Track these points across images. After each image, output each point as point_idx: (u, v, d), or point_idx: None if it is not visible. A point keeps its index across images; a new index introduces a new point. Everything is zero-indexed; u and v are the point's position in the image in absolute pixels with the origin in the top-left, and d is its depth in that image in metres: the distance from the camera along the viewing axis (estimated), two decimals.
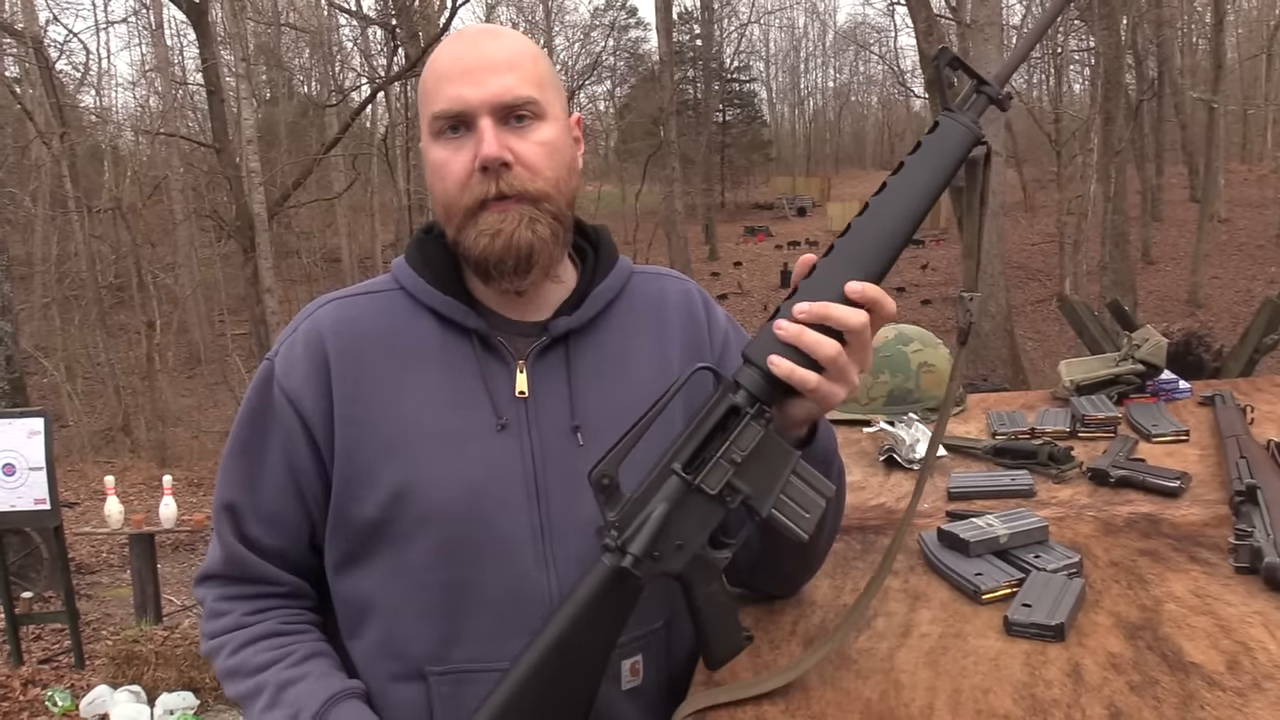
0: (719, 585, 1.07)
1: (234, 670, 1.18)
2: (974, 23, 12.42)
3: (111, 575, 8.34)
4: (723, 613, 1.07)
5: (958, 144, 1.06)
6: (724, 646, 1.08)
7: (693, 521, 1.04)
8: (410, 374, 1.17)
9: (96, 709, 4.74)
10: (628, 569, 1.00)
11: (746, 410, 1.03)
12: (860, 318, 1.01)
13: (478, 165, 1.12)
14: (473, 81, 1.12)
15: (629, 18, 42.65)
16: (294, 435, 1.17)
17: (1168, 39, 24.55)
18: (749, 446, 1.03)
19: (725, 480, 1.03)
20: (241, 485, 1.20)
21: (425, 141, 1.18)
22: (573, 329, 1.21)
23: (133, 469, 13.59)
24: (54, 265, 20.36)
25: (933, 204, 1.06)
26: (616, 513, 1.02)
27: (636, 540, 1.01)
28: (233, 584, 1.22)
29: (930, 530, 1.46)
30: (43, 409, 6.15)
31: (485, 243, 1.13)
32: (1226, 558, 1.33)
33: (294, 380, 1.17)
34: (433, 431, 1.15)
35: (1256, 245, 25.88)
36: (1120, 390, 2.24)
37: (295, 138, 25.96)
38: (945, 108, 1.07)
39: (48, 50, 16.82)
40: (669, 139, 25.95)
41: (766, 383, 1.03)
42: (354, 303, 1.23)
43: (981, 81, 1.07)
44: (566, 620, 1.02)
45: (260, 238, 14.44)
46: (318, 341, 1.19)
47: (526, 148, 1.14)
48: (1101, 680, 1.04)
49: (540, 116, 1.15)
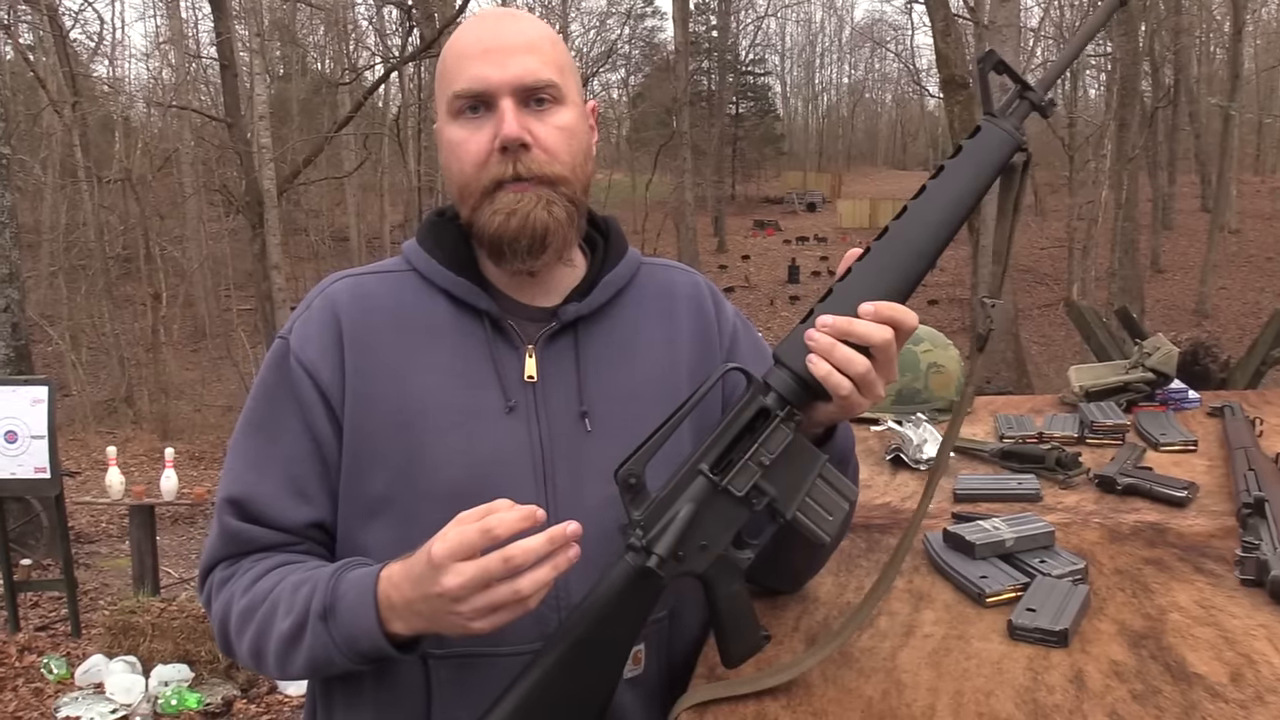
0: (741, 585, 1.07)
1: (248, 610, 1.12)
2: (992, 23, 12.36)
3: (110, 545, 8.36)
4: (743, 613, 1.07)
5: (999, 150, 1.05)
6: (743, 646, 1.08)
7: (718, 522, 1.04)
8: (422, 352, 1.17)
9: (91, 678, 4.76)
10: (652, 569, 1.01)
11: (776, 413, 1.03)
12: (884, 334, 1.00)
13: (497, 145, 1.12)
14: (495, 62, 1.12)
15: (645, 6, 42.49)
16: (313, 406, 1.16)
17: (1185, 47, 24.47)
18: (777, 449, 1.03)
19: (753, 482, 1.03)
20: (255, 464, 1.18)
21: (442, 121, 1.18)
22: (582, 315, 1.21)
23: (134, 440, 13.61)
24: (62, 234, 20.38)
25: (971, 210, 1.05)
26: (642, 512, 1.02)
27: (662, 541, 1.01)
28: (238, 559, 1.20)
29: (936, 532, 1.46)
30: (47, 377, 6.16)
31: (500, 221, 1.13)
32: (1232, 569, 1.32)
33: (311, 353, 1.17)
34: (442, 409, 1.14)
35: (1266, 257, 25.85)
36: (1129, 398, 2.24)
37: (307, 115, 25.93)
38: (988, 112, 1.06)
39: (62, 19, 16.81)
40: (681, 129, 25.92)
41: (798, 385, 1.03)
42: (366, 280, 1.23)
43: (1026, 87, 1.06)
44: (589, 617, 1.02)
45: (269, 214, 14.43)
46: (332, 315, 1.19)
47: (545, 131, 1.14)
48: (1104, 688, 1.04)
49: (559, 101, 1.16)
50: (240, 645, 1.14)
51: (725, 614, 1.06)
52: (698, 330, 1.29)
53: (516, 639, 1.11)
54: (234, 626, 1.14)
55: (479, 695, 1.11)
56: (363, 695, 1.17)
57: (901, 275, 1.04)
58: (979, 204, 1.06)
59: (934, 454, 1.94)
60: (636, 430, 1.05)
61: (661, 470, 1.04)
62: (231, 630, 1.15)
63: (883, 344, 1.00)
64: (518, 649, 1.12)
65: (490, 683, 1.11)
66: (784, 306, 26.69)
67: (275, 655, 1.10)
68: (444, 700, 1.13)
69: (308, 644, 1.06)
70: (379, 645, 1.02)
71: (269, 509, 1.16)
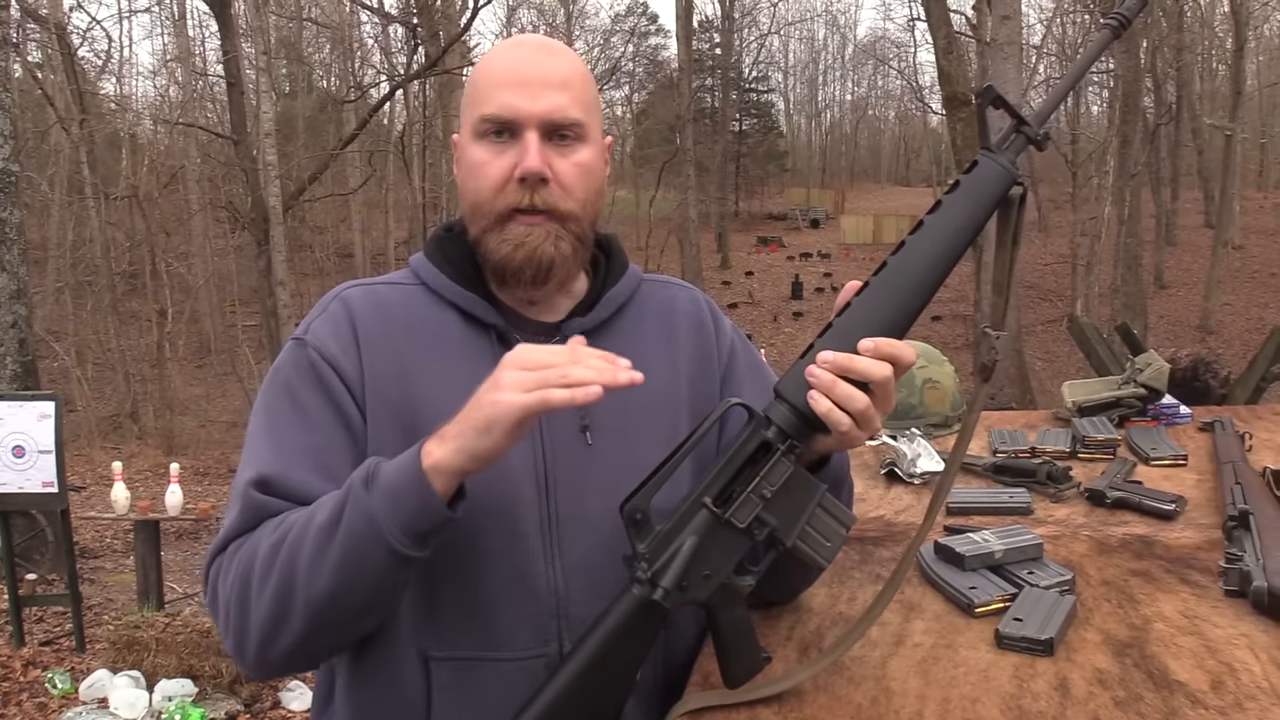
0: (743, 610, 1.09)
1: (276, 543, 1.06)
2: (994, 41, 12.41)
3: (115, 560, 8.38)
4: (745, 635, 1.10)
5: (995, 184, 1.07)
6: (744, 667, 1.10)
7: (720, 553, 1.07)
8: (430, 362, 1.19)
9: (96, 692, 4.77)
10: (658, 601, 1.03)
11: (778, 446, 1.06)
12: (883, 371, 1.02)
13: (518, 175, 1.15)
14: (527, 94, 1.15)
15: (649, 24, 42.80)
16: (340, 394, 1.16)
17: (1187, 64, 24.53)
18: (779, 482, 1.06)
19: (755, 514, 1.06)
20: (282, 450, 1.14)
21: (465, 137, 1.21)
22: (585, 330, 1.23)
23: (139, 456, 13.65)
24: (69, 250, 20.48)
25: (969, 244, 1.07)
26: (647, 545, 1.05)
27: (668, 574, 1.04)
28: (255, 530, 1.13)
29: (927, 544, 1.48)
30: (54, 393, 6.18)
31: (508, 250, 1.17)
32: (1217, 581, 1.35)
33: (332, 349, 1.18)
34: (446, 419, 1.17)
35: (1270, 273, 25.84)
36: (1122, 413, 2.26)
37: (313, 132, 26.06)
38: (984, 147, 1.08)
39: (70, 37, 16.94)
40: (685, 146, 26.01)
41: (798, 420, 1.05)
42: (377, 290, 1.26)
43: (1022, 121, 1.08)
44: (596, 647, 1.05)
45: (274, 230, 14.49)
46: (348, 319, 1.21)
47: (565, 167, 1.17)
48: (1087, 695, 1.06)
49: (582, 139, 1.19)
50: (266, 584, 1.06)
51: (727, 638, 1.09)
52: (697, 347, 1.32)
53: (517, 646, 1.14)
54: (260, 565, 1.06)
55: (479, 702, 1.13)
56: (365, 696, 1.19)
57: (900, 310, 1.06)
58: (977, 237, 1.08)
59: (928, 468, 1.97)
60: (637, 444, 1.07)
61: (656, 497, 1.06)
62: (256, 571, 1.07)
63: (882, 380, 1.02)
64: (519, 655, 1.14)
65: (491, 689, 1.13)
66: (787, 323, 26.72)
67: (307, 563, 1.03)
68: (444, 705, 1.15)
69: (344, 527, 1.02)
70: (425, 497, 1.01)
71: (300, 486, 1.12)
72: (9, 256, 7.21)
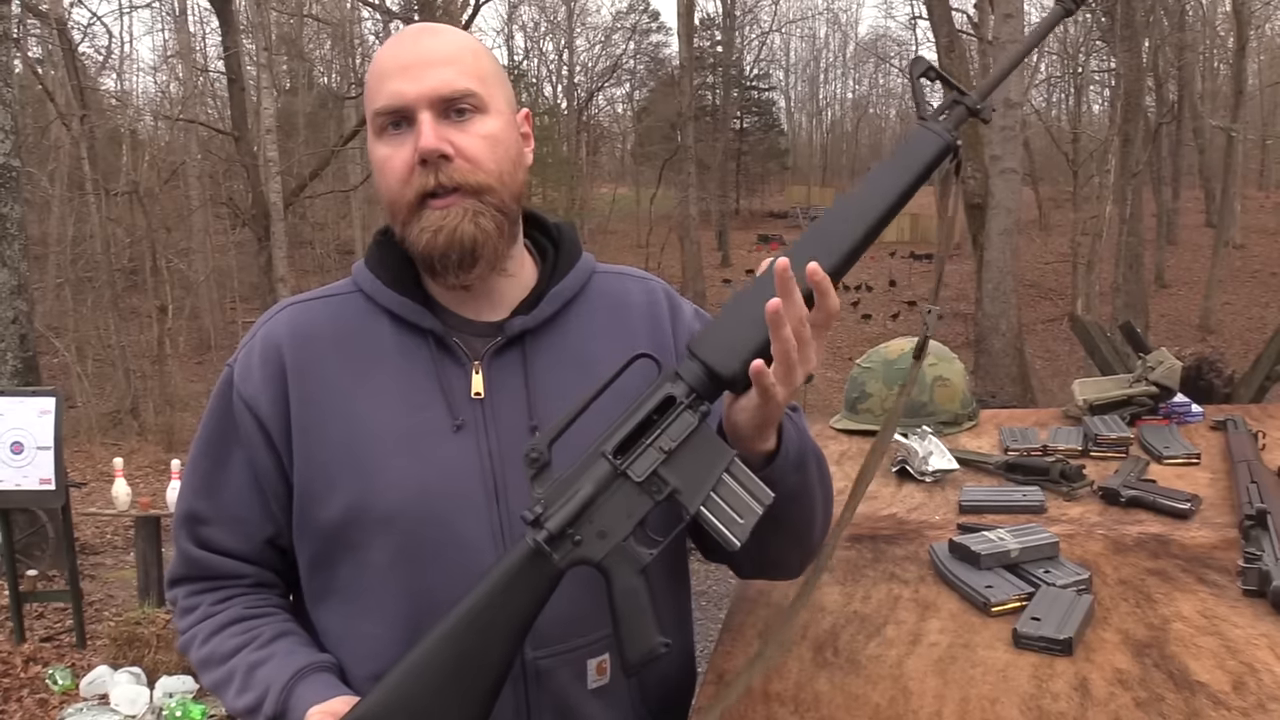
0: (639, 583, 1.03)
1: (207, 660, 1.21)
2: (996, 39, 12.42)
3: (115, 557, 8.36)
4: (639, 612, 1.03)
5: (928, 149, 1.07)
6: (637, 648, 1.03)
7: (618, 510, 1.03)
8: (366, 376, 1.18)
9: (96, 689, 4.76)
10: (544, 547, 1.00)
11: (681, 400, 1.03)
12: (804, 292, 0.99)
13: (417, 158, 1.13)
14: (410, 77, 1.13)
15: (651, 22, 42.70)
16: (253, 440, 1.19)
17: (1189, 63, 24.52)
18: (680, 436, 1.03)
19: (653, 469, 1.02)
20: (202, 491, 1.23)
21: (370, 141, 1.19)
22: (529, 328, 1.21)
23: (140, 452, 13.62)
24: (69, 246, 20.43)
25: (899, 205, 1.07)
26: (544, 490, 1.02)
27: (554, 518, 1.01)
28: (198, 582, 1.25)
29: (941, 542, 1.48)
30: (54, 388, 6.16)
31: (428, 239, 1.14)
32: (1235, 580, 1.34)
33: (251, 387, 1.19)
34: (388, 433, 1.15)
35: (1271, 272, 25.83)
36: (1133, 411, 2.25)
37: (314, 129, 26.02)
38: (920, 117, 1.10)
39: (71, 32, 16.92)
40: (686, 144, 25.95)
41: (707, 378, 1.04)
42: (311, 307, 1.25)
43: (961, 93, 1.10)
44: (478, 594, 1.02)
45: (275, 227, 14.49)
46: (274, 348, 1.20)
47: (467, 140, 1.14)
48: (1108, 695, 1.05)
49: (481, 109, 1.16)
50: (199, 675, 1.24)
51: (620, 610, 1.03)
52: (651, 339, 1.26)
53: None
54: (194, 663, 1.23)
55: None
56: None
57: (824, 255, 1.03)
58: (907, 200, 1.08)
59: (940, 466, 1.95)
60: (590, 443, 1.05)
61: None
62: (193, 664, 1.24)
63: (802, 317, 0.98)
64: None
65: None
66: None
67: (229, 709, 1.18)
68: None
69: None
70: None
71: (215, 536, 1.23)
72: (10, 252, 7.19)
